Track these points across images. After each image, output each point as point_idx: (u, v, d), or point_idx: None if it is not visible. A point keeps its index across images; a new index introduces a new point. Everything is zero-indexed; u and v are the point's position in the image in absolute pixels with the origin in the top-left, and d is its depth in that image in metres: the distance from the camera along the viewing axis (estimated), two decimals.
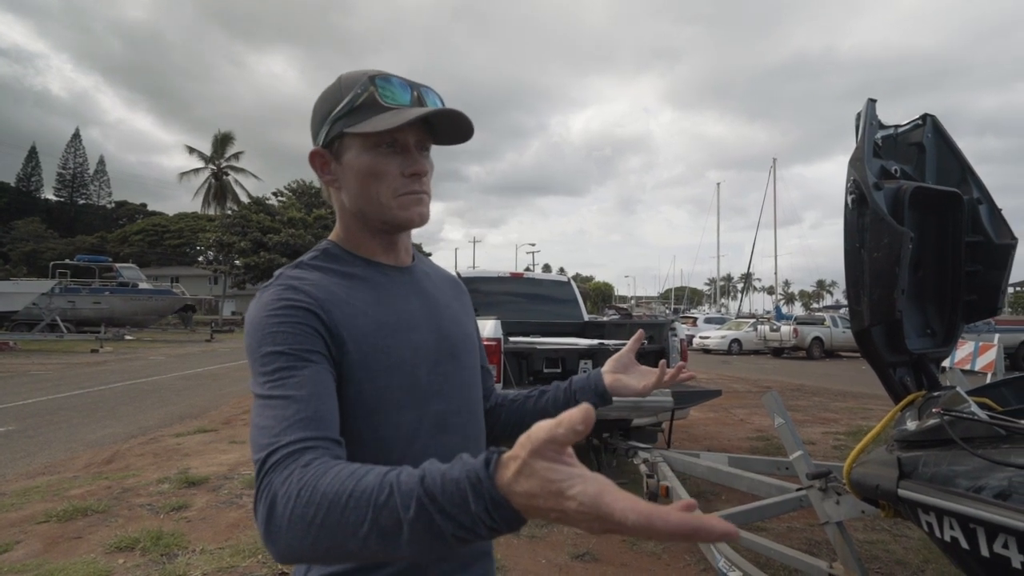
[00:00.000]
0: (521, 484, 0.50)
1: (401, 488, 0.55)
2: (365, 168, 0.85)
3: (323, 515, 0.57)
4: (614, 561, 3.40)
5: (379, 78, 0.86)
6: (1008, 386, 2.15)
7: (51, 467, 5.30)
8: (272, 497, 0.61)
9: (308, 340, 0.76)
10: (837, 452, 5.96)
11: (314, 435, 0.67)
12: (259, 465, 0.65)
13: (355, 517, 0.56)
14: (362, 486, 0.57)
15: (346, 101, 0.85)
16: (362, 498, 0.56)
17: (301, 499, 0.59)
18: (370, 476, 0.58)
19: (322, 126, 0.88)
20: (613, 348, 5.38)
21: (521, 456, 0.51)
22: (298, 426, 0.67)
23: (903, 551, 3.49)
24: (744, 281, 56.73)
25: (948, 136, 2.37)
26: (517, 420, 1.09)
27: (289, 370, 0.73)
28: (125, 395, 9.43)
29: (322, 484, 0.59)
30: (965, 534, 1.52)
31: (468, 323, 1.03)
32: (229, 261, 37.67)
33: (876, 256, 1.97)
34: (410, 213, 0.87)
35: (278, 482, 0.62)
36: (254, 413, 0.72)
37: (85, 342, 19.53)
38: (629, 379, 1.05)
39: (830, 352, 21.15)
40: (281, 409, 0.69)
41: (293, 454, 0.64)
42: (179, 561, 3.30)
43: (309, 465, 0.62)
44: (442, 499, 0.53)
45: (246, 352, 0.79)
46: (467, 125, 0.87)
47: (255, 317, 0.79)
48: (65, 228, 58.35)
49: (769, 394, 2.74)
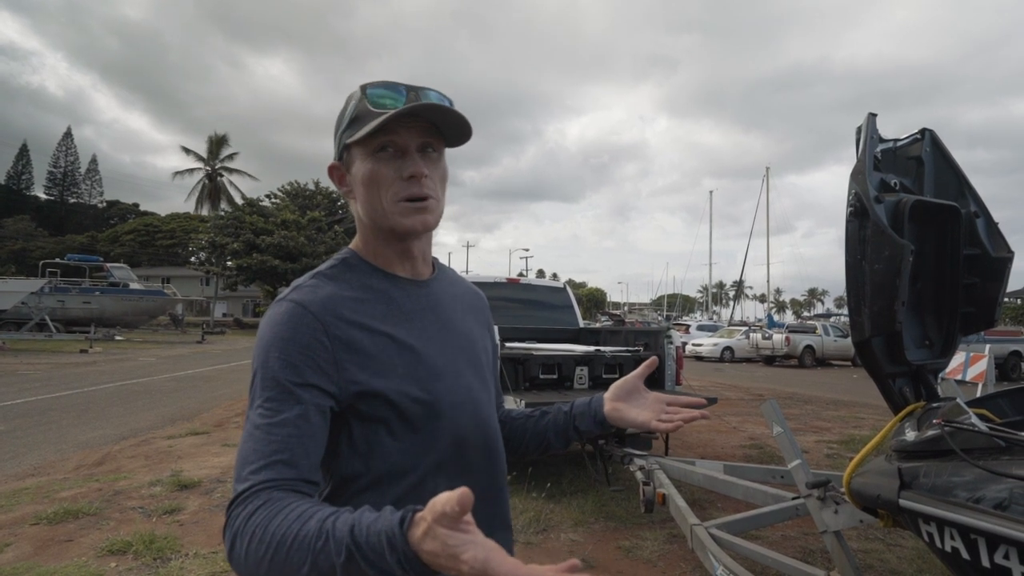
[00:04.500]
0: (427, 544, 0.58)
1: (335, 535, 0.63)
2: (367, 175, 0.87)
3: (271, 554, 0.66)
4: (610, 568, 3.40)
5: (368, 86, 0.87)
6: (1006, 398, 2.18)
7: (41, 469, 5.24)
8: (234, 532, 0.69)
9: (305, 371, 0.79)
10: (830, 461, 5.99)
11: (285, 477, 0.74)
12: (233, 496, 0.73)
13: (297, 559, 0.64)
14: (304, 531, 0.65)
15: (347, 114, 0.88)
16: (304, 543, 0.65)
17: (255, 538, 0.67)
18: (311, 522, 0.66)
19: (335, 142, 0.92)
20: (609, 354, 5.40)
21: (427, 520, 0.58)
22: (272, 467, 0.73)
23: (897, 560, 3.51)
24: (736, 289, 57.03)
25: (946, 150, 2.41)
26: (519, 438, 1.08)
27: (280, 403, 0.77)
28: (116, 396, 9.34)
29: (272, 525, 0.67)
30: (966, 544, 1.54)
31: (483, 338, 1.02)
32: (221, 262, 37.44)
33: (877, 268, 1.99)
34: (412, 221, 0.87)
35: (241, 519, 0.69)
36: (244, 431, 0.78)
37: (75, 342, 19.35)
38: (629, 410, 1.00)
39: (822, 360, 21.28)
40: (263, 444, 0.75)
41: (259, 493, 0.71)
42: (172, 565, 3.27)
43: (267, 504, 0.70)
44: (366, 548, 0.61)
45: (252, 358, 0.83)
46: (461, 121, 0.87)
47: (264, 333, 0.82)
48: (55, 227, 57.84)
49: (768, 403, 2.75)
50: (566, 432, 1.05)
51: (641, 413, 0.98)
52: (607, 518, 4.20)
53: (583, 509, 4.33)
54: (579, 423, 1.03)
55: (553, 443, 1.07)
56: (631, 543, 3.73)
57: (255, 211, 37.26)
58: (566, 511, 4.30)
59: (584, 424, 1.03)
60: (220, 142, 51.08)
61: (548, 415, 1.07)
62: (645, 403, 1.00)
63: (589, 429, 1.03)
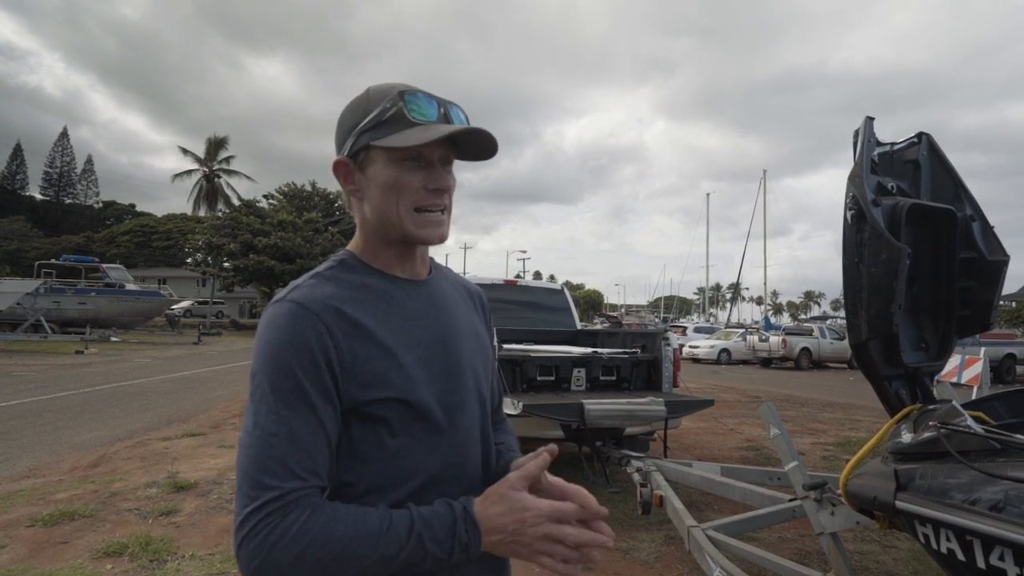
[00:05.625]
0: (492, 508, 0.78)
1: (397, 522, 0.75)
2: (389, 181, 0.85)
3: (334, 555, 0.72)
4: (607, 570, 3.40)
5: (408, 93, 0.86)
6: (1001, 400, 2.19)
7: (36, 470, 5.21)
8: (274, 540, 0.71)
9: (314, 373, 0.77)
10: (826, 463, 6.00)
11: (312, 484, 0.76)
12: (256, 503, 0.72)
13: (363, 551, 0.73)
14: (367, 528, 0.74)
15: (374, 114, 0.85)
16: (369, 537, 0.73)
17: (316, 543, 0.71)
18: (371, 518, 0.75)
19: (348, 137, 0.88)
20: (606, 356, 5.41)
21: (497, 488, 0.81)
22: (300, 475, 0.75)
23: (893, 562, 3.52)
24: (733, 291, 57.14)
25: (942, 154, 2.43)
26: None
27: (292, 408, 0.76)
28: (111, 397, 9.31)
29: (337, 530, 0.73)
30: (962, 546, 1.54)
31: (484, 338, 1.02)
32: (218, 263, 37.35)
33: (874, 271, 2.00)
34: (428, 232, 0.88)
35: (283, 528, 0.71)
36: (251, 435, 0.76)
37: (70, 343, 19.25)
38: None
39: (818, 363, 21.33)
40: (282, 451, 0.75)
41: (298, 501, 0.73)
42: (169, 567, 3.26)
43: (317, 511, 0.73)
44: (432, 520, 0.76)
45: (253, 357, 0.82)
46: (493, 145, 0.88)
47: (266, 334, 0.80)
48: (50, 227, 57.52)
49: (765, 405, 2.76)
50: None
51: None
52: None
53: None
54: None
55: None
56: (628, 544, 3.73)
57: (252, 212, 37.20)
58: None
59: None
60: (219, 144, 51.02)
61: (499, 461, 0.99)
62: None
63: None
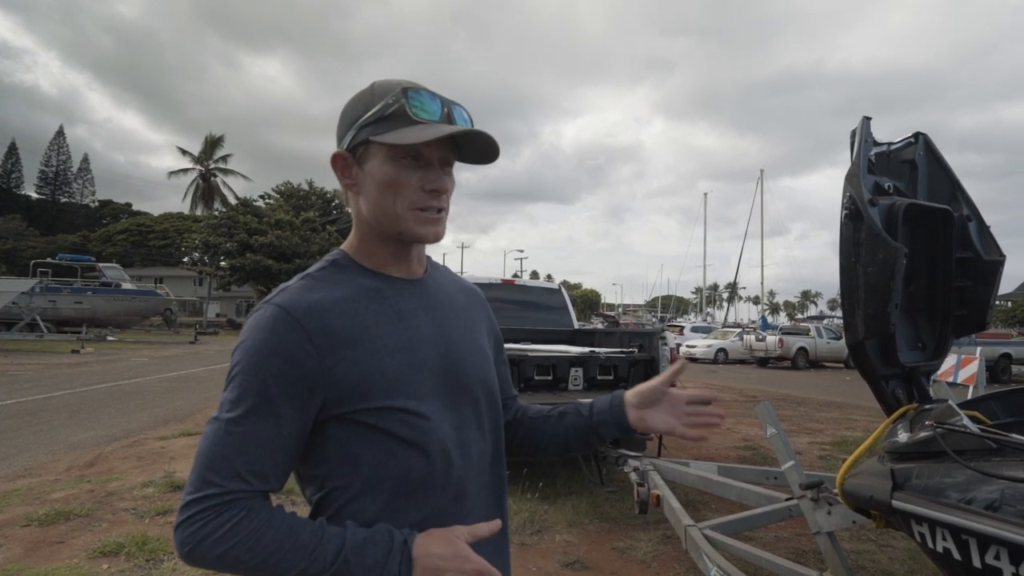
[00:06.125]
0: (434, 547, 0.79)
1: (327, 541, 0.76)
2: (387, 178, 0.84)
3: (259, 561, 0.74)
4: (604, 569, 3.40)
5: (411, 90, 0.85)
6: (997, 400, 2.20)
7: (31, 470, 5.20)
8: (203, 535, 0.73)
9: (284, 382, 0.78)
10: (823, 462, 6.02)
11: (256, 488, 0.77)
12: (196, 495, 0.75)
13: (288, 563, 0.74)
14: (298, 541, 0.75)
15: (376, 109, 0.84)
16: (298, 550, 0.75)
17: (240, 545, 0.73)
18: (303, 533, 0.76)
19: (348, 130, 0.87)
20: (603, 356, 5.41)
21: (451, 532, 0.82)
22: (245, 477, 0.76)
23: (889, 561, 3.53)
24: (731, 291, 57.24)
25: (939, 154, 2.43)
26: (535, 440, 1.06)
27: (254, 412, 0.77)
28: (107, 397, 9.28)
29: (265, 536, 0.74)
30: (958, 545, 1.55)
31: (481, 336, 1.00)
32: (215, 262, 37.25)
33: (871, 271, 2.01)
34: (424, 231, 0.87)
35: (214, 525, 0.73)
36: (212, 428, 0.78)
37: (66, 342, 19.20)
38: (655, 418, 0.98)
39: (815, 362, 21.36)
40: (234, 452, 0.76)
41: (235, 502, 0.75)
42: (165, 567, 3.26)
43: (250, 514, 0.75)
44: (364, 545, 0.77)
45: (232, 356, 0.82)
46: (494, 148, 0.88)
47: (247, 336, 0.80)
48: (46, 226, 57.28)
49: (762, 404, 2.76)
50: (587, 437, 1.03)
51: (666, 420, 0.98)
52: (601, 519, 4.21)
53: (577, 510, 4.33)
54: (601, 430, 1.00)
55: (573, 447, 1.05)
56: (625, 544, 3.74)
57: (249, 211, 37.12)
58: (560, 512, 4.30)
59: (607, 431, 1.00)
60: (216, 143, 50.92)
61: (567, 416, 1.04)
62: (667, 408, 0.99)
63: (612, 435, 1.01)
